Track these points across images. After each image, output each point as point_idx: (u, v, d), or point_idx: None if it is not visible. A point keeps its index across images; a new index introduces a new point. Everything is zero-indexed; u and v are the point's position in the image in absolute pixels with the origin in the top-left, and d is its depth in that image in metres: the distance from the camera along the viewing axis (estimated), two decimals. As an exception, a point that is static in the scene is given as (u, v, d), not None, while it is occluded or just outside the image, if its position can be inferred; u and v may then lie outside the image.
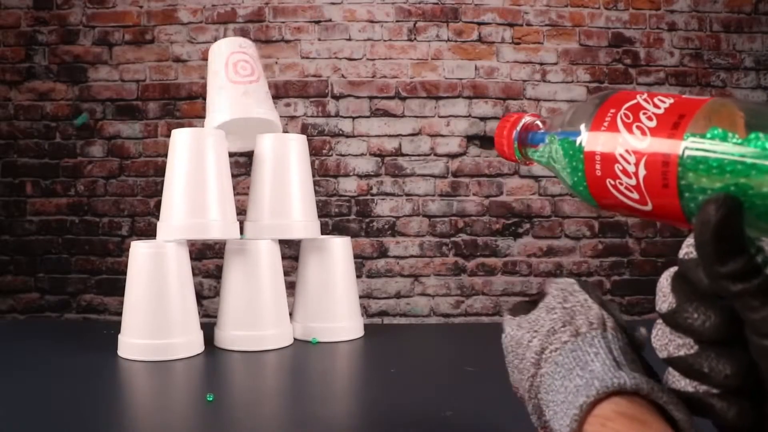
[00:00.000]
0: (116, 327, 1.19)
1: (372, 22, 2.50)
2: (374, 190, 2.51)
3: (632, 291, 2.50)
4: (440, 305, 2.50)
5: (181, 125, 2.50)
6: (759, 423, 0.28)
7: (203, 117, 2.49)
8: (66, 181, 2.50)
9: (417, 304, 2.50)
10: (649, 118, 0.30)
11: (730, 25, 2.55)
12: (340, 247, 1.19)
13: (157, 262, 1.00)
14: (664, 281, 0.30)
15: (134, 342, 0.98)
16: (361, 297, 2.48)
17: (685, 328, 0.29)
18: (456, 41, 2.51)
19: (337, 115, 2.51)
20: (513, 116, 0.41)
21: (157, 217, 2.48)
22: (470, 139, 2.52)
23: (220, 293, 1.14)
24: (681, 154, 0.27)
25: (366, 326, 1.21)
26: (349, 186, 2.50)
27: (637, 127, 0.30)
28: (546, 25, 2.52)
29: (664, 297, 0.30)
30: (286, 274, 1.20)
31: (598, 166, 0.32)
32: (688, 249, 0.29)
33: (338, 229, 2.49)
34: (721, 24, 2.55)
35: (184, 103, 2.50)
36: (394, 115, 2.51)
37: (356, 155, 2.51)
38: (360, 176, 2.50)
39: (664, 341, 0.30)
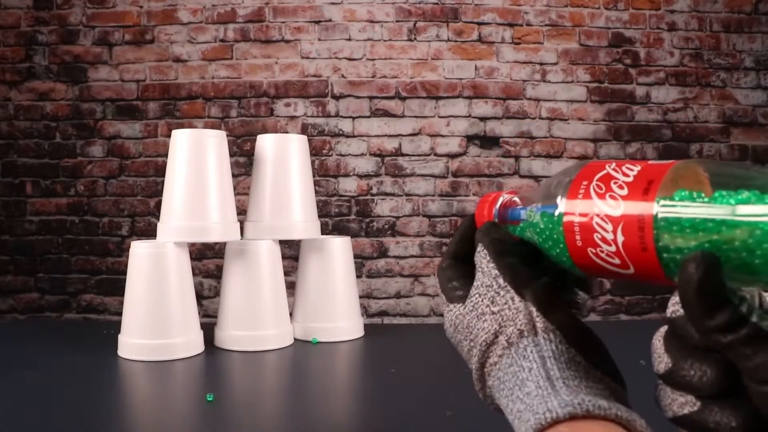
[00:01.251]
0: (116, 327, 1.19)
1: (372, 22, 2.50)
2: (374, 190, 2.51)
3: (632, 291, 2.50)
4: (440, 305, 2.49)
5: (181, 125, 2.49)
6: None
7: (203, 117, 2.50)
8: (66, 181, 2.50)
9: (417, 304, 2.50)
10: (620, 187, 0.31)
11: (730, 25, 2.55)
12: (340, 247, 1.19)
13: (157, 263, 1.00)
14: (657, 342, 0.31)
15: (134, 342, 0.98)
16: (361, 297, 2.48)
17: (684, 386, 0.29)
18: (456, 41, 2.51)
19: (337, 115, 2.51)
20: (491, 195, 0.43)
21: (157, 217, 2.49)
22: (470, 139, 2.52)
23: (220, 293, 1.14)
24: (654, 218, 0.29)
25: (366, 326, 1.21)
26: (349, 186, 2.50)
27: (611, 196, 0.31)
28: (546, 25, 2.52)
29: (660, 358, 0.30)
30: (286, 274, 1.20)
31: (578, 237, 0.33)
32: (674, 307, 0.30)
33: (338, 229, 2.49)
34: (721, 24, 2.55)
35: (184, 103, 2.50)
36: (394, 115, 2.51)
37: (356, 155, 2.51)
38: (360, 176, 2.50)
39: (667, 401, 0.30)
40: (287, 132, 2.50)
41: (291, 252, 2.27)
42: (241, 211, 2.54)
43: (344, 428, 0.69)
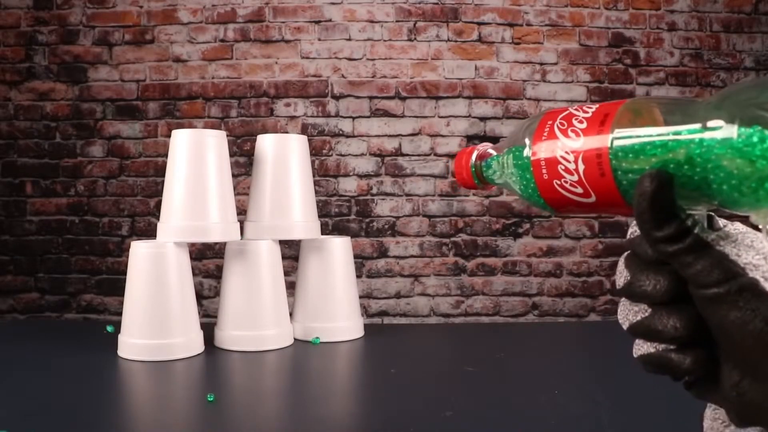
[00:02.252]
0: (115, 325, 1.19)
1: (372, 22, 2.50)
2: (374, 190, 2.51)
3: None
4: (440, 305, 2.50)
5: (181, 125, 2.50)
6: (712, 369, 0.31)
7: (203, 117, 2.50)
8: (66, 181, 2.50)
9: (417, 304, 2.50)
10: (580, 122, 0.35)
11: (730, 25, 2.55)
12: (340, 247, 1.19)
13: (158, 263, 1.00)
14: (620, 262, 0.34)
15: (134, 342, 0.98)
16: (361, 297, 2.48)
17: (639, 295, 0.32)
18: (456, 41, 2.51)
19: (337, 115, 2.51)
20: (467, 149, 0.46)
21: (157, 217, 2.49)
22: (470, 139, 2.52)
23: (220, 293, 1.14)
24: (610, 145, 0.32)
25: (366, 326, 1.21)
26: (349, 186, 2.50)
27: (572, 131, 0.35)
28: (546, 25, 2.52)
29: (620, 274, 0.34)
30: (286, 274, 1.20)
31: (544, 171, 0.37)
32: (633, 229, 0.34)
33: (338, 229, 2.49)
34: (721, 24, 2.55)
35: (184, 103, 2.50)
36: (394, 115, 2.51)
37: (356, 155, 2.51)
38: (360, 176, 2.50)
39: (625, 313, 0.34)
40: (287, 132, 2.50)
41: (291, 252, 2.27)
42: (241, 211, 2.55)
43: (345, 428, 0.69)
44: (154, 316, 0.98)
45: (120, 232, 2.49)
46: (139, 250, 1.01)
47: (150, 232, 2.48)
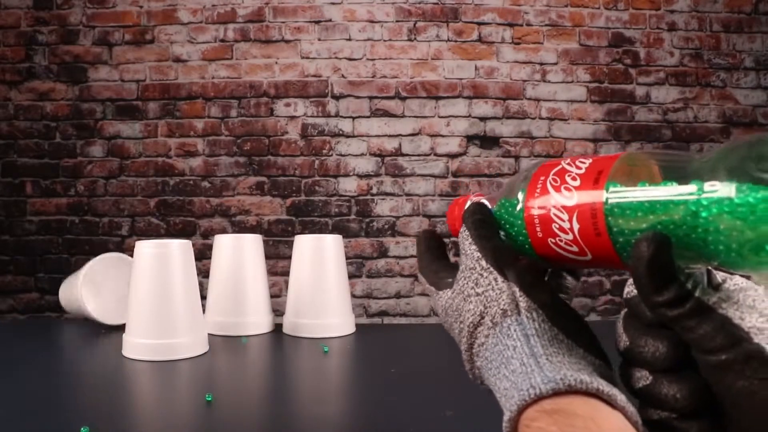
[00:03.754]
0: (116, 327, 1.19)
1: (372, 22, 2.50)
2: (374, 190, 2.51)
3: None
4: (431, 299, 2.49)
5: (181, 125, 2.50)
6: None
7: (203, 117, 2.50)
8: (66, 181, 2.50)
9: (417, 304, 2.50)
10: (573, 179, 0.34)
11: (730, 25, 2.55)
12: (332, 244, 1.21)
13: (162, 262, 0.99)
14: (618, 323, 0.33)
15: (139, 341, 0.97)
16: (361, 297, 2.48)
17: (639, 361, 0.31)
18: (456, 41, 2.51)
19: (337, 115, 2.51)
20: (460, 198, 0.45)
21: (157, 217, 2.49)
22: (470, 139, 2.52)
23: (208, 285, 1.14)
24: (605, 203, 0.31)
25: (365, 326, 1.21)
26: (349, 186, 2.50)
27: (565, 188, 0.34)
28: (546, 25, 2.52)
29: (620, 337, 0.33)
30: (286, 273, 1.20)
31: (538, 228, 0.36)
32: (629, 288, 0.33)
33: (338, 229, 2.49)
34: (721, 24, 2.55)
35: (184, 103, 2.50)
36: (394, 115, 2.51)
37: (356, 155, 2.51)
38: (360, 176, 2.50)
39: (628, 378, 0.33)
40: (287, 132, 2.50)
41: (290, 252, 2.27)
42: (242, 211, 2.55)
43: (344, 428, 0.69)
44: (158, 316, 0.97)
45: (120, 232, 2.49)
46: (144, 249, 1.00)
47: (150, 232, 2.48)
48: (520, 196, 0.37)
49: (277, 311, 1.29)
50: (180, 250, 1.01)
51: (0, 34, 2.50)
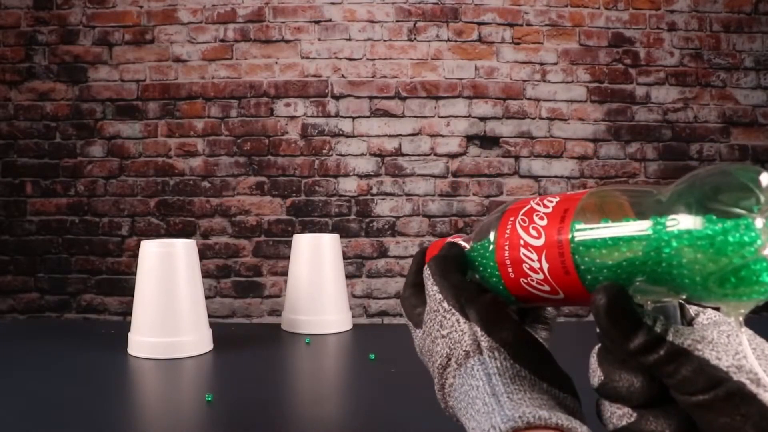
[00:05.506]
0: (116, 327, 1.19)
1: (372, 22, 2.50)
2: (374, 190, 2.51)
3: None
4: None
5: (181, 125, 2.50)
6: None
7: (203, 117, 2.50)
8: (66, 181, 2.50)
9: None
10: (541, 218, 0.34)
11: (730, 25, 2.55)
12: (330, 243, 1.21)
13: (167, 262, 1.00)
14: (592, 358, 0.33)
15: (144, 340, 0.98)
16: (361, 297, 2.48)
17: (616, 397, 0.31)
18: (456, 41, 2.51)
19: (337, 115, 2.51)
20: (439, 240, 0.45)
21: (157, 217, 2.49)
22: (470, 139, 2.52)
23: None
24: (571, 242, 0.31)
25: (365, 326, 1.21)
26: (349, 186, 2.50)
27: (533, 227, 0.34)
28: (546, 25, 2.52)
29: (594, 372, 0.32)
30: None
31: (510, 269, 0.36)
32: None
33: (338, 229, 2.49)
34: (721, 24, 2.55)
35: (184, 103, 2.50)
36: (394, 115, 2.51)
37: (356, 155, 2.51)
38: (360, 176, 2.50)
39: (607, 415, 0.32)
40: (287, 132, 2.50)
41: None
42: (242, 211, 2.55)
43: (344, 428, 0.69)
44: (163, 315, 0.98)
45: (120, 232, 2.49)
46: (148, 248, 1.01)
47: (150, 232, 2.48)
48: (492, 237, 0.37)
49: (277, 311, 1.29)
50: (185, 249, 1.03)
51: (0, 34, 2.50)
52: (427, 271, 0.40)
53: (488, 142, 2.52)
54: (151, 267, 1.00)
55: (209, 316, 2.70)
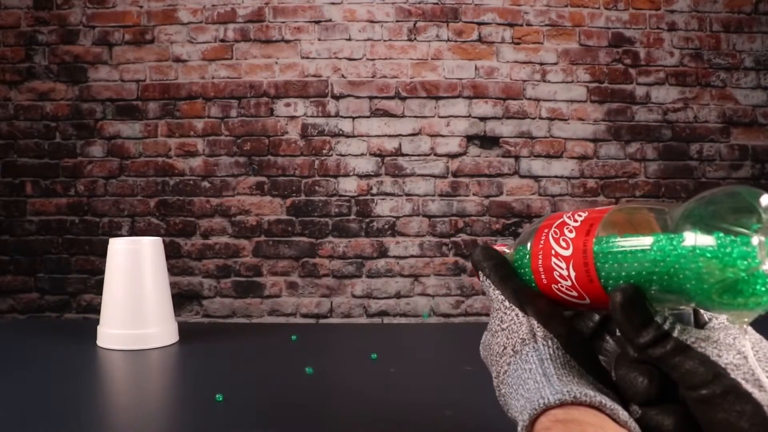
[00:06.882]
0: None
1: (372, 22, 2.50)
2: (374, 190, 2.51)
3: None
4: (440, 305, 2.50)
5: (181, 125, 2.50)
6: None
7: (203, 117, 2.50)
8: (66, 181, 2.50)
9: (417, 304, 2.50)
10: (570, 231, 0.38)
11: (730, 25, 2.55)
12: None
13: (134, 258, 1.05)
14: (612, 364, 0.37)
15: (113, 332, 1.03)
16: (361, 297, 2.48)
17: (625, 395, 0.35)
18: (456, 41, 2.51)
19: (337, 115, 2.51)
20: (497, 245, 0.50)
21: (157, 217, 2.49)
22: (470, 139, 2.52)
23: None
24: (594, 254, 0.35)
25: (365, 325, 1.21)
26: (349, 186, 2.50)
27: (563, 239, 0.38)
28: (546, 25, 2.52)
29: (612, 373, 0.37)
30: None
31: (543, 276, 0.40)
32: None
33: (338, 229, 2.49)
34: (721, 24, 2.55)
35: (184, 103, 2.50)
36: (394, 115, 2.51)
37: (356, 155, 2.51)
38: (360, 176, 2.51)
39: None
40: (287, 132, 2.50)
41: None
42: (242, 211, 2.55)
43: (344, 427, 0.69)
44: (131, 308, 1.03)
45: (120, 233, 2.49)
46: (117, 246, 1.06)
47: (150, 232, 2.48)
48: (528, 247, 0.42)
49: (277, 311, 1.29)
50: (151, 246, 1.07)
51: (0, 34, 2.50)
52: (486, 280, 0.44)
53: (488, 142, 2.52)
54: (119, 263, 1.05)
55: (209, 316, 2.70)
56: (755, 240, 0.28)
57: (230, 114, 2.50)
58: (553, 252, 0.39)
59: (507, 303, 0.42)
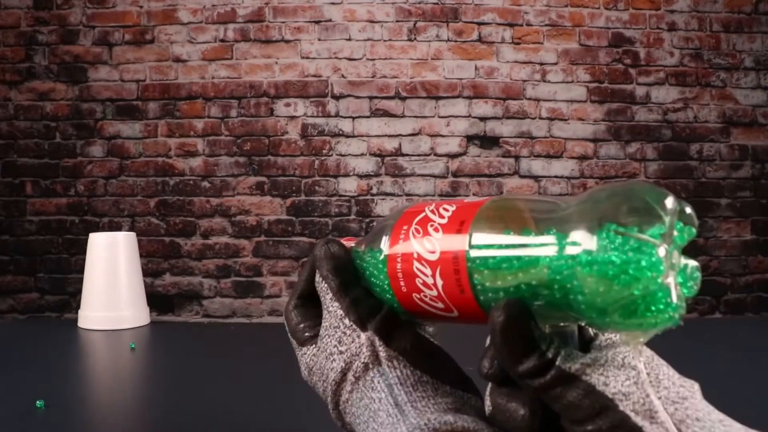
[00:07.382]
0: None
1: (372, 22, 2.50)
2: (374, 190, 2.51)
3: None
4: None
5: (181, 125, 2.50)
6: None
7: (203, 117, 2.50)
8: (66, 181, 2.50)
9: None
10: (436, 230, 0.31)
11: (730, 25, 2.55)
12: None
13: (111, 250, 1.24)
14: (487, 388, 0.32)
15: (93, 315, 1.20)
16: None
17: (502, 425, 0.30)
18: (456, 41, 2.51)
19: (337, 115, 2.51)
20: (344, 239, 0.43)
21: (157, 217, 2.49)
22: (470, 139, 2.52)
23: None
24: (467, 259, 0.29)
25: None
26: (349, 186, 2.50)
27: (428, 240, 0.31)
28: (546, 25, 2.52)
29: (485, 402, 0.32)
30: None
31: (402, 283, 0.33)
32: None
33: (338, 229, 2.49)
34: (721, 24, 2.55)
35: (184, 103, 2.50)
36: (394, 115, 2.51)
37: (356, 155, 2.51)
38: (360, 176, 2.50)
39: None
40: (287, 132, 2.50)
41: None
42: (242, 211, 2.55)
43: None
44: (108, 294, 1.21)
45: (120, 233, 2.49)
46: (96, 240, 1.25)
47: (150, 232, 2.48)
48: (384, 246, 0.34)
49: (278, 311, 1.30)
50: (125, 240, 1.27)
51: (0, 34, 2.50)
52: (323, 284, 0.38)
53: (488, 142, 2.52)
54: (98, 254, 1.24)
55: (209, 316, 2.70)
56: (661, 250, 0.23)
57: (230, 114, 2.50)
58: (415, 255, 0.31)
59: (347, 321, 0.36)
